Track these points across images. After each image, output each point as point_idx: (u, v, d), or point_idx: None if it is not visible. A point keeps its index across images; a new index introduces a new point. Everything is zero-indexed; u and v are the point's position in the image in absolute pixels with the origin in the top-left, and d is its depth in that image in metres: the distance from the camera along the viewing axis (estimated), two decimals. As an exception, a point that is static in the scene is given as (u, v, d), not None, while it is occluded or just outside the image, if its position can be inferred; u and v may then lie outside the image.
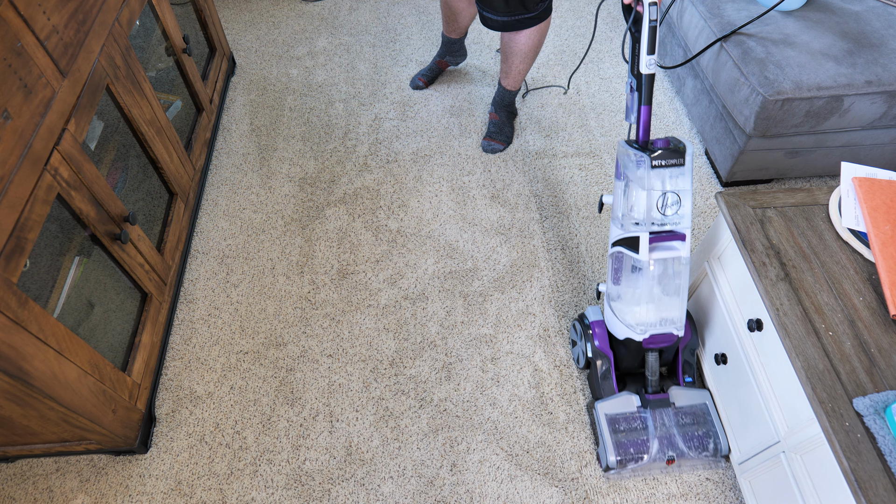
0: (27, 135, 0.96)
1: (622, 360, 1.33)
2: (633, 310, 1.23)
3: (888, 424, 0.84)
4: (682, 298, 1.21)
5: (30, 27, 0.99)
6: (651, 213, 1.14)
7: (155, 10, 1.56)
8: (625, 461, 1.24)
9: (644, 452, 1.24)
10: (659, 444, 1.24)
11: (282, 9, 2.53)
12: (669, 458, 1.24)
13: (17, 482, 1.30)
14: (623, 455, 1.24)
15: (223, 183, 1.88)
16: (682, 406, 1.28)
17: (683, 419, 1.27)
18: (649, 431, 1.25)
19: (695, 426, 1.26)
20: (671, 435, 1.25)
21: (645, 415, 1.27)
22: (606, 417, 1.28)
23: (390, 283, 1.62)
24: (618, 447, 1.24)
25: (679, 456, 1.24)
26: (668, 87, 2.14)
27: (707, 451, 1.25)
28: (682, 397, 1.29)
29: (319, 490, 1.28)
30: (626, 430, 1.26)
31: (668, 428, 1.26)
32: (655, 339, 1.24)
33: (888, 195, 1.09)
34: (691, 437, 1.25)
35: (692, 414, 1.28)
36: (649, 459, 1.24)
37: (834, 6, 1.69)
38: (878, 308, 0.99)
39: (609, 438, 1.25)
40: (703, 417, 1.28)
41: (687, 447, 1.25)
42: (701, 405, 1.29)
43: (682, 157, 1.10)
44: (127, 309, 1.34)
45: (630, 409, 1.28)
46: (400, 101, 2.12)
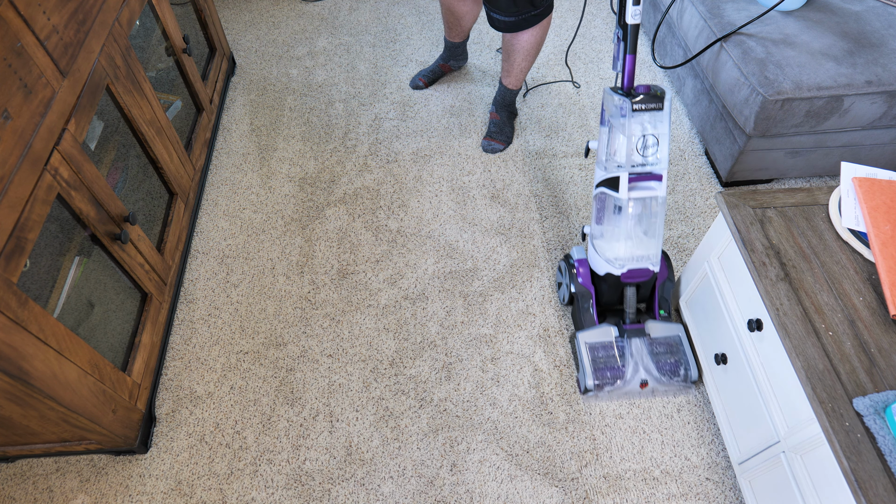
0: (27, 135, 0.96)
1: (603, 296, 1.44)
2: (613, 246, 1.34)
3: (888, 424, 0.84)
4: (658, 237, 1.33)
5: (30, 27, 0.99)
6: (631, 156, 1.24)
7: (155, 10, 1.56)
8: (602, 384, 1.35)
9: (619, 377, 1.36)
10: (633, 369, 1.36)
11: (282, 9, 2.53)
12: (643, 382, 1.35)
13: (17, 482, 1.30)
14: (600, 379, 1.35)
15: (223, 183, 1.88)
16: (657, 337, 1.39)
17: (657, 348, 1.38)
18: (625, 358, 1.37)
19: (668, 355, 1.37)
20: (645, 362, 1.36)
21: (622, 343, 1.38)
22: (586, 345, 1.39)
23: (390, 283, 1.62)
24: (595, 372, 1.35)
25: (652, 381, 1.36)
26: (668, 87, 2.14)
27: (678, 376, 1.36)
28: (657, 329, 1.39)
29: (319, 490, 1.28)
30: (604, 357, 1.37)
31: (643, 355, 1.37)
32: (633, 274, 1.36)
33: (888, 195, 1.09)
34: (664, 364, 1.36)
35: (666, 344, 1.38)
36: (624, 383, 1.36)
37: (834, 6, 1.69)
38: (878, 308, 0.99)
39: (588, 364, 1.36)
40: (676, 347, 1.38)
41: (660, 373, 1.36)
42: (674, 336, 1.39)
43: (661, 102, 1.20)
44: (127, 309, 1.34)
45: (608, 338, 1.39)
46: (400, 101, 2.12)
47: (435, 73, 2.16)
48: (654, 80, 2.17)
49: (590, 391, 1.37)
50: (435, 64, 2.16)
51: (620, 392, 1.39)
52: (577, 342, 1.40)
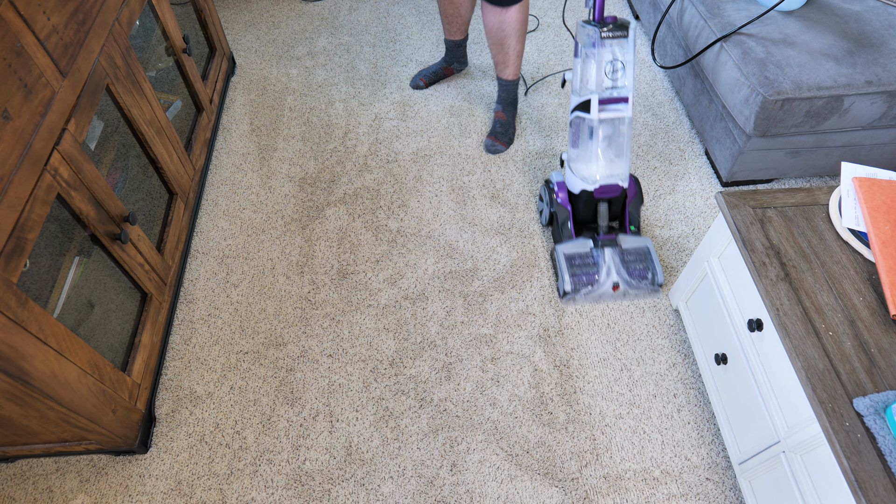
0: (27, 135, 0.96)
1: (579, 213, 1.60)
2: (587, 165, 1.51)
3: (888, 424, 0.84)
4: (627, 157, 1.51)
5: (30, 27, 0.99)
6: (601, 81, 1.40)
7: (155, 10, 1.56)
8: (578, 288, 1.52)
9: (593, 281, 1.52)
10: (606, 273, 1.52)
11: (282, 9, 2.53)
12: (615, 285, 1.52)
13: (17, 482, 1.30)
14: (576, 283, 1.52)
15: (223, 183, 1.88)
16: (628, 248, 1.55)
17: (628, 257, 1.54)
18: (599, 265, 1.53)
19: (637, 262, 1.54)
20: (617, 267, 1.53)
21: (596, 253, 1.54)
22: (564, 256, 1.55)
23: (390, 283, 1.62)
24: (572, 277, 1.52)
25: (623, 284, 1.52)
26: (668, 87, 2.14)
27: (646, 279, 1.53)
28: (628, 241, 1.56)
29: (319, 490, 1.28)
30: (580, 264, 1.54)
31: (615, 262, 1.53)
32: (604, 190, 1.52)
33: (888, 195, 1.09)
34: (633, 270, 1.53)
35: (635, 253, 1.55)
36: (598, 286, 1.52)
37: (834, 6, 1.69)
38: (878, 308, 0.99)
39: (566, 271, 1.52)
40: (645, 256, 1.54)
41: (630, 277, 1.52)
42: (643, 247, 1.55)
43: (626, 31, 1.35)
44: (127, 309, 1.34)
45: (584, 249, 1.55)
46: (400, 101, 2.12)
47: (437, 75, 2.15)
48: (654, 79, 2.17)
49: (567, 294, 1.53)
50: (437, 65, 2.16)
51: (595, 295, 1.54)
52: (556, 253, 1.56)
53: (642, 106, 2.08)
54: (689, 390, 1.42)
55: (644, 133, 1.99)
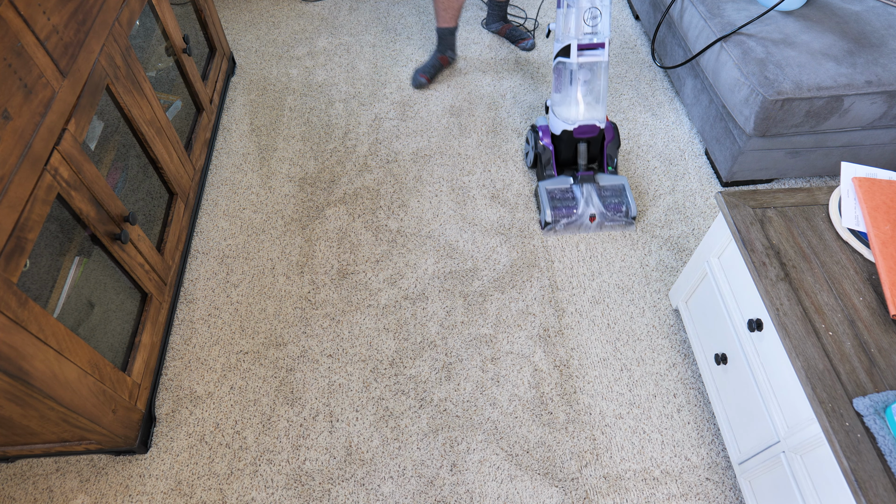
0: (27, 135, 0.96)
1: (560, 153, 1.75)
2: (568, 108, 1.66)
3: (888, 424, 0.84)
4: (603, 99, 1.66)
5: (30, 27, 0.99)
6: (580, 27, 1.53)
7: (155, 10, 1.56)
8: (558, 218, 1.67)
9: (572, 213, 1.66)
10: (584, 206, 1.66)
11: (282, 9, 2.53)
12: (591, 216, 1.66)
13: (17, 482, 1.30)
14: (556, 215, 1.66)
15: (223, 183, 1.88)
16: (605, 185, 1.71)
17: (605, 192, 1.69)
18: (577, 199, 1.68)
19: (613, 197, 1.69)
20: (594, 201, 1.67)
21: (576, 187, 1.69)
22: (546, 191, 1.70)
23: (390, 283, 1.62)
24: (553, 209, 1.67)
25: (599, 216, 1.67)
26: (668, 87, 2.14)
27: (620, 212, 1.67)
28: (605, 179, 1.72)
29: (319, 490, 1.28)
30: (561, 198, 1.69)
31: (592, 196, 1.68)
32: (583, 130, 1.67)
33: (888, 195, 1.09)
34: (609, 203, 1.68)
35: (612, 189, 1.70)
36: (576, 217, 1.67)
37: (834, 6, 1.69)
38: (878, 308, 0.99)
39: (547, 204, 1.67)
40: (620, 192, 1.70)
41: (605, 209, 1.67)
42: (619, 185, 1.71)
43: None
44: (127, 309, 1.34)
45: (565, 185, 1.71)
46: (400, 101, 2.12)
47: (436, 68, 2.16)
48: (654, 79, 2.17)
49: (548, 224, 1.68)
50: (433, 58, 2.16)
51: (574, 225, 1.69)
52: (539, 189, 1.71)
53: (642, 106, 2.08)
54: (689, 390, 1.42)
55: (644, 133, 1.99)
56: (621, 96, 2.11)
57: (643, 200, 1.80)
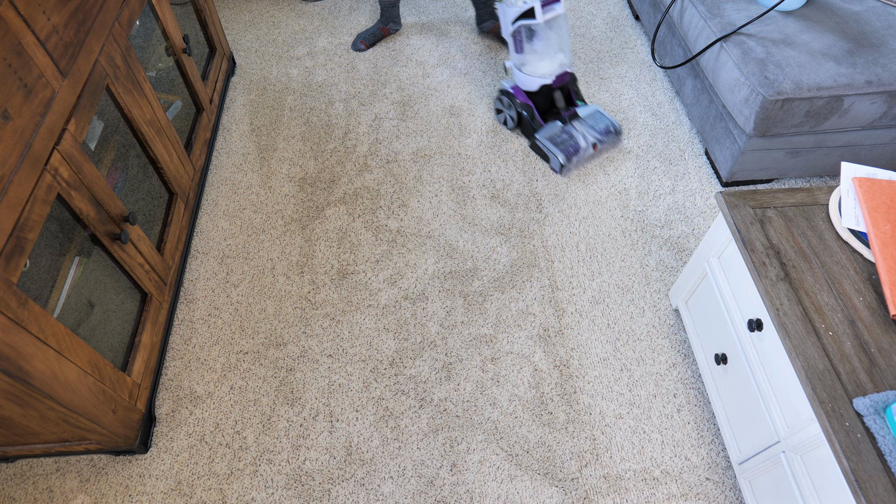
0: (27, 135, 0.96)
1: (539, 105, 1.91)
2: (543, 63, 1.81)
3: (888, 424, 0.84)
4: (568, 45, 1.83)
5: (30, 27, 0.99)
6: None
7: (155, 10, 1.56)
8: (569, 157, 1.81)
9: (578, 147, 1.82)
10: (584, 139, 1.83)
11: (282, 9, 2.53)
12: (594, 144, 1.84)
13: (17, 482, 1.30)
14: (567, 154, 1.80)
15: (223, 183, 1.88)
16: (585, 115, 1.90)
17: (590, 121, 1.88)
18: (574, 135, 1.84)
19: (598, 122, 1.87)
20: (588, 131, 1.85)
21: (568, 127, 1.86)
22: (547, 139, 1.84)
23: (390, 283, 1.62)
24: (563, 151, 1.80)
25: (598, 142, 1.84)
26: (668, 87, 2.14)
27: (611, 132, 1.86)
28: (583, 111, 1.91)
29: (319, 490, 1.28)
30: (561, 140, 1.83)
31: (585, 128, 1.86)
32: (560, 79, 1.85)
33: (888, 195, 1.09)
34: (599, 128, 1.86)
35: (592, 117, 1.90)
36: (583, 150, 1.82)
37: (834, 6, 1.69)
38: (878, 308, 0.99)
39: (555, 150, 1.81)
40: (600, 116, 1.90)
41: (600, 134, 1.85)
42: (595, 112, 1.91)
43: None
44: (127, 309, 1.34)
45: (557, 129, 1.86)
46: (400, 101, 2.12)
47: (375, 36, 2.31)
48: (654, 79, 2.17)
49: (565, 167, 1.82)
50: (375, 27, 2.31)
51: (583, 158, 1.85)
52: (540, 139, 1.85)
53: (642, 106, 2.08)
54: (689, 390, 1.42)
55: (644, 133, 1.99)
56: (621, 96, 2.11)
57: (643, 200, 1.80)
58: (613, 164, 1.90)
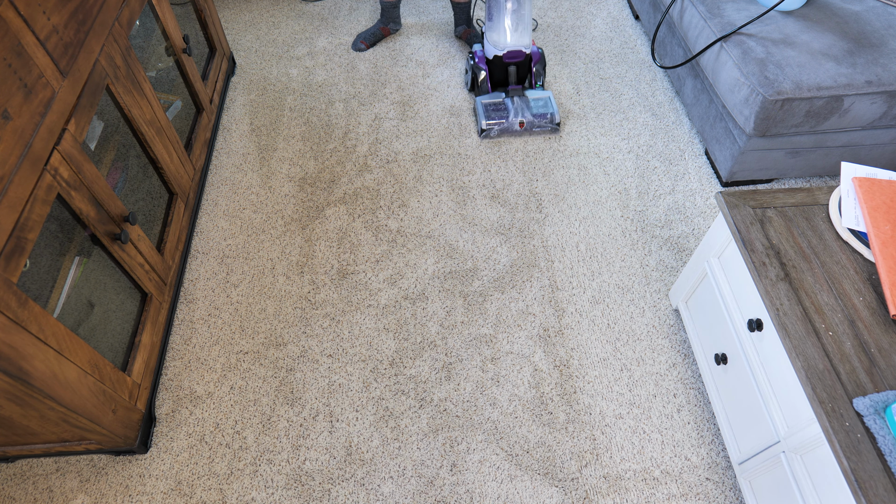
0: (27, 135, 0.96)
1: (494, 75, 2.01)
2: (497, 35, 1.91)
3: (888, 424, 0.84)
4: (527, 28, 1.90)
5: (30, 27, 0.99)
6: None
7: (155, 10, 1.56)
8: (491, 125, 1.91)
9: (504, 119, 1.92)
10: (514, 113, 1.92)
11: (282, 9, 2.53)
12: (521, 122, 1.91)
13: (17, 482, 1.30)
14: (490, 121, 1.91)
15: (223, 183, 1.88)
16: (533, 97, 1.98)
17: (533, 103, 1.96)
18: (508, 109, 1.94)
19: (540, 107, 1.95)
20: (523, 110, 1.93)
21: (507, 100, 1.97)
22: (482, 104, 1.96)
23: (390, 283, 1.62)
24: (487, 118, 1.92)
25: (527, 122, 1.92)
26: (668, 87, 2.14)
27: (546, 118, 1.92)
28: (533, 94, 1.99)
29: (319, 490, 1.28)
30: (494, 109, 1.94)
31: (522, 107, 1.94)
32: (511, 55, 1.94)
33: (888, 195, 1.09)
34: (536, 112, 1.93)
35: (539, 100, 1.97)
36: (508, 123, 1.91)
37: (834, 6, 1.69)
38: (878, 308, 0.99)
39: (482, 113, 1.93)
40: (546, 102, 1.96)
41: (533, 116, 1.93)
42: (545, 97, 1.98)
43: None
44: (127, 309, 1.34)
45: (497, 99, 1.97)
46: (400, 101, 2.12)
47: (375, 36, 2.31)
48: (654, 79, 2.17)
49: (484, 131, 1.92)
50: (375, 27, 2.31)
51: (506, 130, 1.93)
52: (476, 102, 1.97)
53: (642, 106, 2.08)
54: (689, 390, 1.42)
55: (644, 133, 1.99)
56: (621, 96, 2.11)
57: (643, 200, 1.80)
58: (613, 164, 1.90)
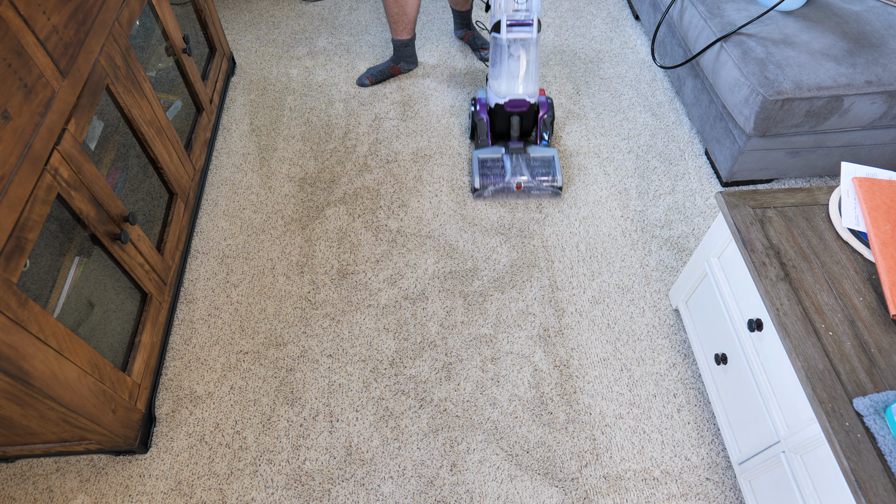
0: (27, 135, 0.96)
1: (495, 125, 1.84)
2: (500, 83, 1.74)
3: (888, 424, 0.84)
4: (533, 75, 1.72)
5: (30, 27, 0.99)
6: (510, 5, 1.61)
7: (155, 10, 1.56)
8: (486, 184, 1.75)
9: (500, 180, 1.74)
10: (512, 174, 1.74)
11: (282, 9, 2.53)
12: (517, 184, 1.74)
13: (17, 482, 1.30)
14: (484, 181, 1.75)
15: (223, 183, 1.88)
16: (535, 155, 1.78)
17: (534, 163, 1.76)
18: (506, 167, 1.76)
19: (541, 167, 1.76)
20: (522, 170, 1.75)
21: (506, 157, 1.78)
22: (478, 159, 1.78)
23: (390, 283, 1.62)
24: (482, 176, 1.76)
25: (525, 183, 1.74)
26: (668, 87, 2.14)
27: (547, 181, 1.74)
28: (536, 151, 1.79)
29: (319, 490, 1.28)
30: (491, 166, 1.77)
31: (521, 166, 1.75)
32: (514, 104, 1.76)
33: (888, 195, 1.09)
34: (537, 173, 1.75)
35: (541, 160, 1.77)
36: (503, 184, 1.74)
37: (834, 6, 1.69)
38: (878, 308, 0.99)
39: (477, 171, 1.76)
40: (549, 162, 1.77)
41: (532, 178, 1.74)
42: (549, 157, 1.78)
43: None
44: (127, 309, 1.34)
45: (496, 154, 1.79)
46: (400, 101, 2.12)
47: (384, 74, 2.17)
48: (654, 79, 2.17)
49: (477, 190, 1.76)
50: (384, 65, 2.17)
51: (501, 193, 1.77)
52: (473, 157, 1.79)
53: (642, 106, 2.08)
54: (689, 390, 1.42)
55: (644, 133, 1.99)
56: (621, 96, 2.11)
57: (643, 200, 1.80)
58: (613, 164, 1.90)
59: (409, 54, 2.14)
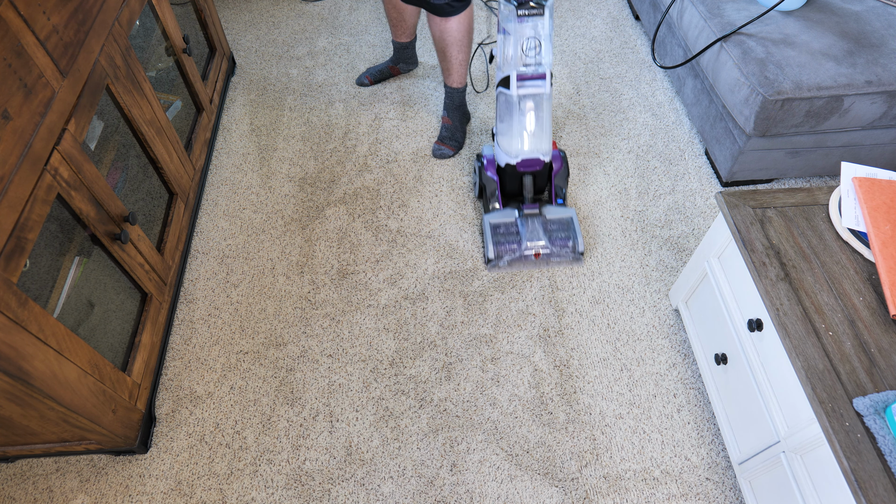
0: (27, 135, 0.96)
1: (506, 185, 1.66)
2: (510, 140, 1.56)
3: (888, 424, 0.85)
4: (546, 131, 1.56)
5: (30, 27, 0.99)
6: (519, 57, 1.44)
7: (155, 10, 1.56)
8: (501, 254, 1.59)
9: (517, 248, 1.58)
10: (528, 241, 1.58)
11: (282, 9, 2.53)
12: (535, 253, 1.58)
13: (17, 482, 1.30)
14: (499, 251, 1.59)
15: (223, 183, 1.88)
16: (552, 218, 1.62)
17: (551, 226, 1.61)
18: (522, 234, 1.59)
19: (559, 231, 1.60)
20: (539, 235, 1.59)
21: (520, 222, 1.61)
22: (490, 225, 1.62)
23: (390, 283, 1.62)
24: (496, 245, 1.59)
25: (544, 251, 1.59)
26: (668, 87, 2.14)
27: (567, 247, 1.59)
28: (552, 212, 1.63)
29: (319, 490, 1.28)
30: (504, 233, 1.60)
31: (538, 232, 1.59)
32: (527, 163, 1.59)
33: (888, 195, 1.09)
34: (555, 238, 1.59)
35: (559, 223, 1.62)
36: (519, 253, 1.59)
37: (834, 6, 1.69)
38: (878, 308, 0.99)
39: (490, 239, 1.59)
40: (567, 225, 1.61)
41: (551, 244, 1.59)
42: (567, 218, 1.63)
43: (542, 9, 1.38)
44: (127, 309, 1.34)
45: (510, 219, 1.62)
46: (400, 101, 2.12)
47: (383, 74, 2.16)
48: (654, 79, 2.17)
49: (491, 261, 1.61)
50: (384, 65, 2.17)
51: (518, 262, 1.62)
52: (484, 223, 1.63)
53: (642, 106, 2.08)
54: (689, 390, 1.42)
55: (644, 133, 1.99)
56: (621, 96, 2.11)
57: (643, 200, 1.80)
58: (613, 164, 1.90)
59: (408, 56, 2.14)
